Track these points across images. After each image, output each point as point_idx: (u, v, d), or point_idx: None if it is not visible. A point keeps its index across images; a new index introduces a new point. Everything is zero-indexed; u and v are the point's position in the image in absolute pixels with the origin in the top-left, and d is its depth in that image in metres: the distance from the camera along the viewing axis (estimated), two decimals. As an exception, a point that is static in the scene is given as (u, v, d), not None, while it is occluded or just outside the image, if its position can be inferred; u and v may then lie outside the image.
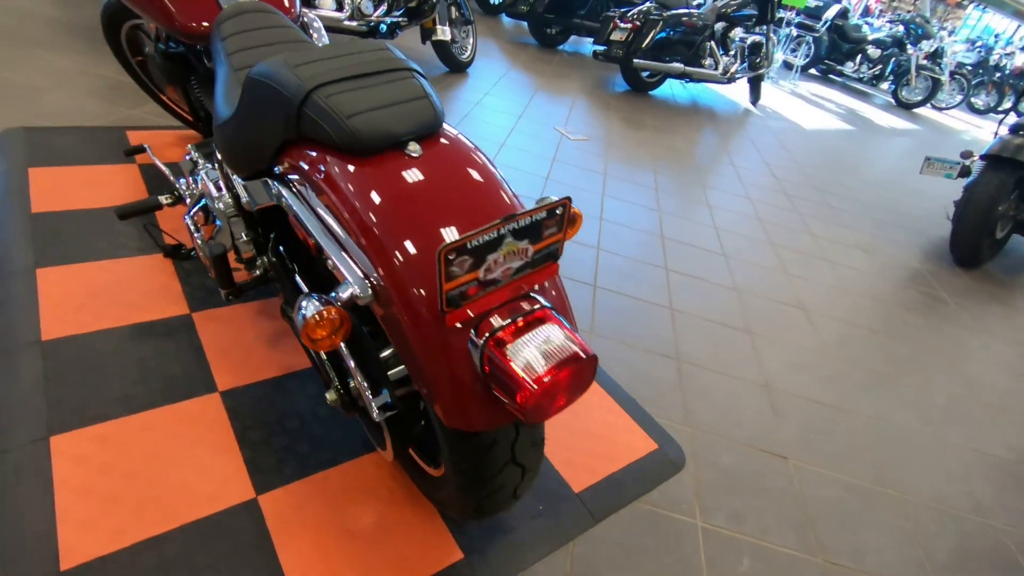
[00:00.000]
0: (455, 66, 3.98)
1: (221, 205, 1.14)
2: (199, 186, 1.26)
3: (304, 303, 0.63)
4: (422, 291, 0.63)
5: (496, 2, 6.10)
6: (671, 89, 5.50)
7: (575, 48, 5.98)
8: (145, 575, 0.94)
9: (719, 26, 5.03)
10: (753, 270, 2.50)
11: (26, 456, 1.06)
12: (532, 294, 0.70)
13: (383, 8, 3.45)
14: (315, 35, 1.51)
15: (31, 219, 1.62)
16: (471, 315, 0.64)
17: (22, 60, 2.45)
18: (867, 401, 1.86)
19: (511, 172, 2.75)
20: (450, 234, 0.64)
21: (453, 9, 3.83)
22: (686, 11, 4.69)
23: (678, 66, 4.75)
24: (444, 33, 3.69)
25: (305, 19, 1.52)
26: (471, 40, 4.12)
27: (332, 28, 3.34)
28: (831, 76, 8.62)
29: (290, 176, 0.79)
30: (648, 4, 4.68)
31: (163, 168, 1.46)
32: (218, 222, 1.18)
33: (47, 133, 2.00)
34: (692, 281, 2.28)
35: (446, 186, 0.69)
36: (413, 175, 0.69)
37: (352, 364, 0.87)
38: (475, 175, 0.73)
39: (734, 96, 5.98)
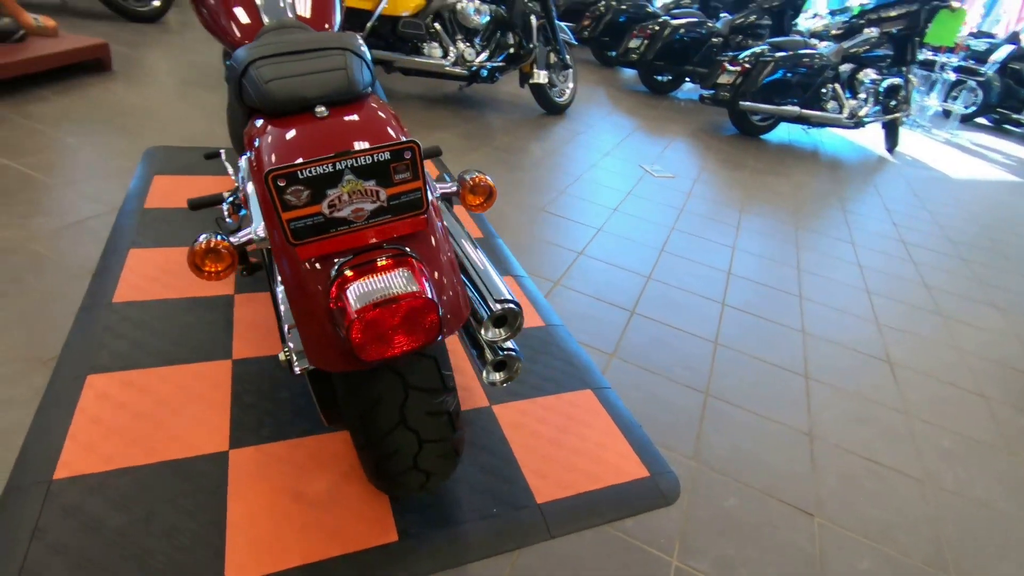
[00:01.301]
0: (551, 108, 4.14)
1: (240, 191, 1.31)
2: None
3: (200, 235, 0.71)
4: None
5: (613, 54, 6.27)
6: (788, 133, 5.18)
7: (689, 96, 5.91)
8: (112, 494, 1.07)
9: (846, 67, 4.68)
10: (833, 315, 2.22)
11: (65, 386, 1.27)
12: (401, 245, 0.72)
13: (485, 55, 3.73)
14: None
15: (142, 213, 1.96)
16: (330, 254, 0.68)
17: (188, 97, 3.02)
18: (949, 471, 1.54)
19: (577, 202, 2.76)
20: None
21: (552, 55, 4.02)
22: (806, 52, 4.45)
23: (792, 109, 4.48)
24: (541, 77, 3.87)
25: None
26: (570, 84, 4.27)
27: (435, 73, 3.68)
28: (1006, 126, 7.51)
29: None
30: (762, 47, 4.51)
31: (229, 168, 1.71)
32: (242, 211, 1.35)
33: (178, 151, 2.44)
34: (750, 319, 2.08)
35: (336, 141, 0.74)
36: (310, 130, 0.76)
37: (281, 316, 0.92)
38: (369, 134, 0.78)
39: (867, 143, 5.46)
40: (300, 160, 0.59)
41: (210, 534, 1.03)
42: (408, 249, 0.71)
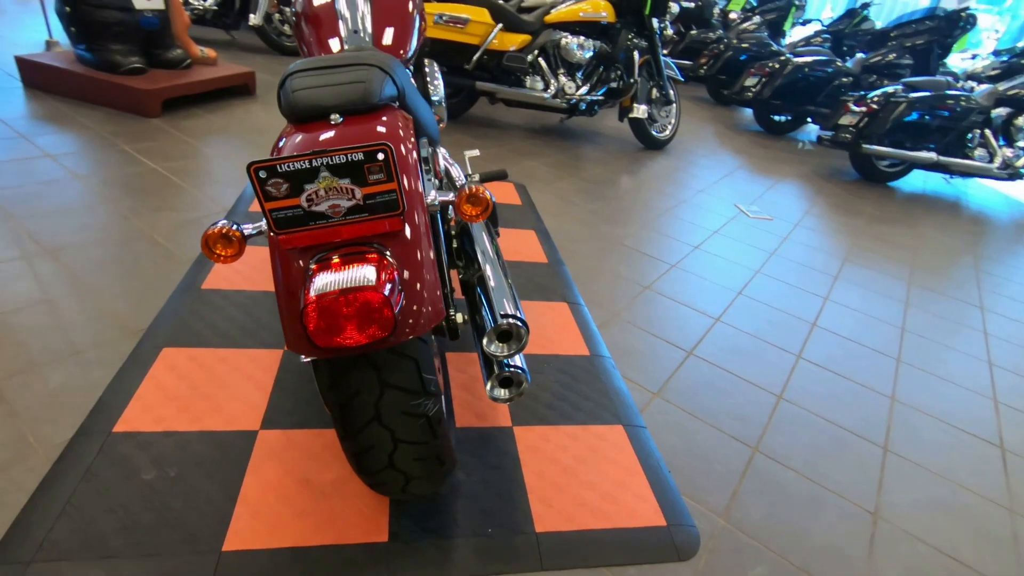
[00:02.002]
0: (650, 143, 4.08)
1: None
2: None
3: (219, 221, 0.79)
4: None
5: (728, 92, 6.07)
6: (924, 182, 4.64)
7: (810, 137, 5.53)
8: (155, 452, 1.19)
9: (1001, 111, 4.13)
10: (936, 384, 1.93)
11: (144, 354, 1.45)
12: (378, 243, 0.75)
13: (585, 88, 3.79)
14: (431, 82, 1.81)
15: (246, 215, 2.22)
16: (309, 246, 0.73)
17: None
18: (1057, 589, 1.26)
19: (657, 237, 2.68)
20: None
21: (655, 90, 3.98)
22: (948, 93, 4.00)
23: (928, 155, 4.02)
24: (640, 111, 3.85)
25: (426, 68, 1.84)
26: (672, 120, 4.19)
27: (536, 105, 3.79)
28: None
29: None
30: (894, 86, 4.13)
31: None
32: None
33: (290, 163, 2.73)
34: (827, 376, 1.87)
35: (336, 143, 0.80)
36: (318, 133, 0.82)
37: None
38: (368, 139, 0.83)
39: (1027, 198, 4.73)
40: (281, 156, 0.66)
41: (223, 502, 1.12)
42: (379, 246, 0.74)
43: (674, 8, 3.77)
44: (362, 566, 1.05)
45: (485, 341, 1.04)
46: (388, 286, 0.69)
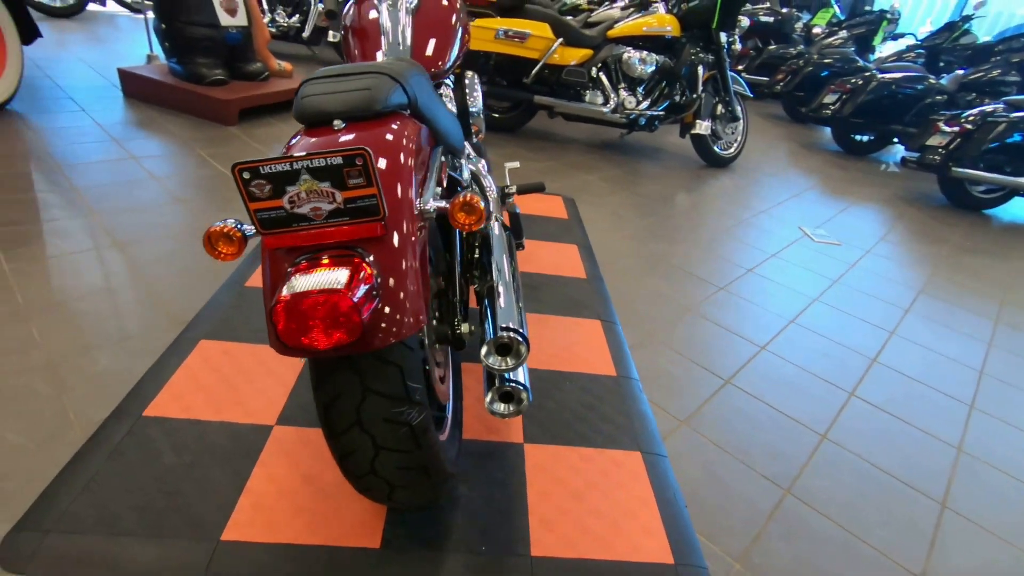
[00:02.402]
0: (713, 161, 3.94)
1: None
2: None
3: (227, 219, 0.82)
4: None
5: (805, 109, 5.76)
6: (1028, 212, 4.19)
7: (894, 158, 5.14)
8: (176, 438, 1.26)
9: (1124, 135, 3.67)
10: (1017, 438, 1.71)
11: (182, 344, 1.54)
12: (360, 248, 0.75)
13: (645, 103, 3.72)
14: (470, 94, 1.82)
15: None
16: (293, 247, 0.74)
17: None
18: None
19: (708, 257, 2.56)
20: None
21: (720, 106, 3.84)
22: (1059, 114, 3.60)
23: (1031, 181, 3.62)
24: (702, 128, 3.72)
25: (466, 80, 1.85)
26: (738, 138, 4.02)
27: (594, 119, 3.76)
28: None
29: None
30: (994, 105, 3.76)
31: None
32: None
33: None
34: (883, 418, 1.70)
35: (330, 147, 0.81)
36: (317, 137, 0.84)
37: None
38: (364, 144, 0.84)
39: None
40: (264, 157, 0.67)
41: (229, 492, 1.16)
42: (362, 251, 0.74)
43: (743, 22, 3.63)
44: (350, 570, 1.05)
45: (484, 352, 1.02)
46: (361, 291, 0.69)
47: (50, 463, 1.17)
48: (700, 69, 3.66)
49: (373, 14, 1.58)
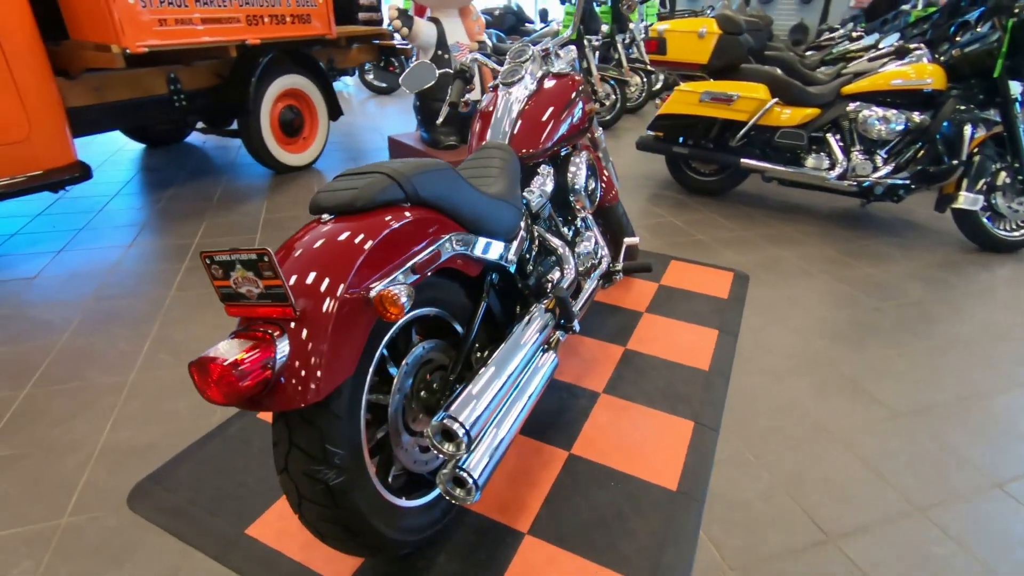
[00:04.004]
0: (989, 243, 3.01)
1: None
2: None
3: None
4: None
5: None
6: None
7: None
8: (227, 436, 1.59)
9: None
10: None
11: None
12: (282, 325, 0.89)
13: (887, 169, 3.08)
14: (575, 173, 1.79)
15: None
16: (240, 316, 0.92)
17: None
18: None
19: (913, 374, 2.00)
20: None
21: (1003, 174, 2.93)
22: None
23: None
24: (967, 201, 2.89)
25: (573, 158, 1.83)
26: (1036, 215, 2.98)
27: (816, 186, 3.27)
28: None
29: None
30: None
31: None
32: None
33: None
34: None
35: (319, 240, 0.97)
36: (310, 231, 1.01)
37: None
38: (341, 240, 0.97)
39: None
40: (220, 250, 0.88)
41: (267, 494, 1.42)
42: (272, 332, 0.88)
43: (1047, 67, 2.73)
44: (310, 596, 1.19)
45: (430, 430, 1.07)
46: (250, 363, 0.83)
47: (191, 437, 1.62)
48: (968, 129, 2.87)
49: (492, 105, 1.76)
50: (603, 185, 2.27)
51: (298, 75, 3.73)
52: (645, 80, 5.81)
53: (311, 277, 0.94)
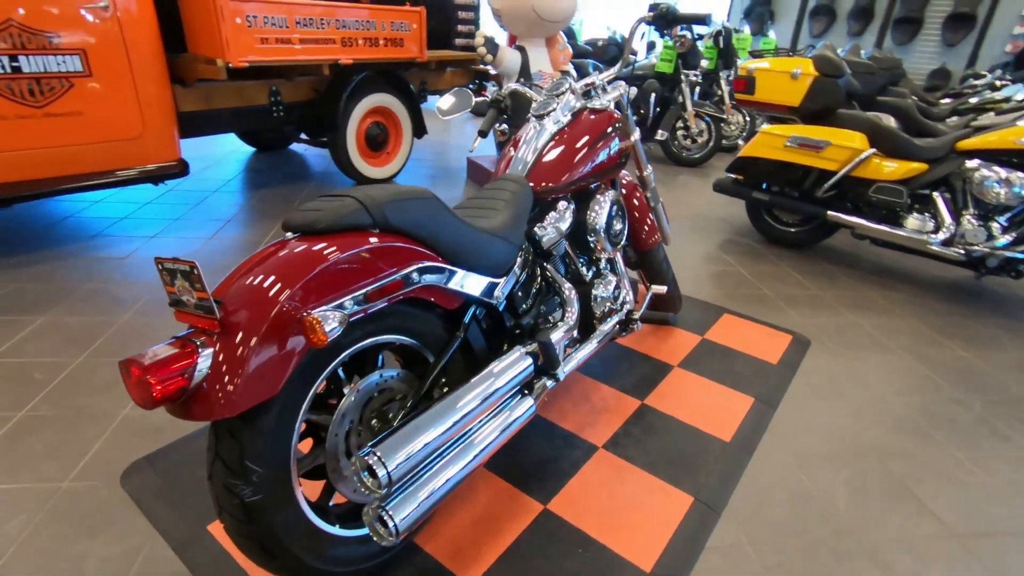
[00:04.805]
0: None
1: None
2: None
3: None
4: None
5: None
6: None
7: None
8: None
9: None
10: None
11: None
12: (205, 338, 0.91)
13: (1006, 239, 2.65)
14: (596, 211, 1.68)
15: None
16: (184, 322, 0.95)
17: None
18: None
19: (996, 491, 1.68)
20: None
21: None
22: None
23: None
24: (1106, 287, 2.40)
25: (597, 196, 1.72)
26: None
27: (909, 249, 2.89)
28: None
29: None
30: None
31: None
32: None
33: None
34: None
35: (272, 257, 0.99)
36: (271, 248, 1.03)
37: None
38: (291, 259, 0.98)
39: None
40: (167, 259, 0.92)
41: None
42: (199, 341, 0.90)
43: None
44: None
45: (356, 462, 1.04)
46: (168, 370, 0.86)
47: (195, 427, 1.72)
48: (1114, 202, 2.40)
49: (521, 133, 1.74)
50: (646, 228, 2.15)
51: (387, 94, 3.94)
52: (748, 119, 5.50)
53: (250, 294, 0.96)
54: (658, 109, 5.31)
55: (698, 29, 7.29)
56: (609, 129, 1.76)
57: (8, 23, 2.40)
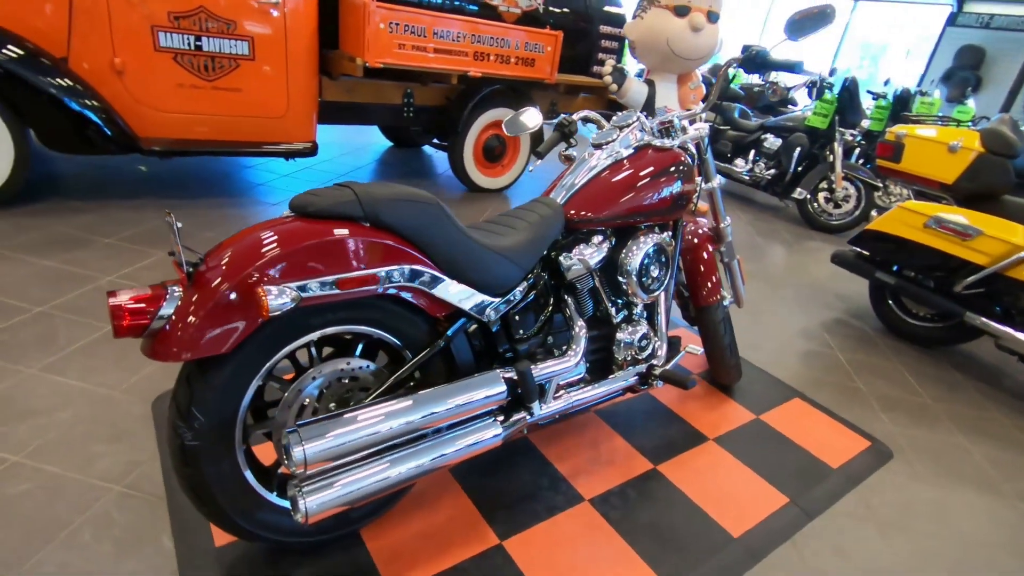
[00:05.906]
0: None
1: None
2: None
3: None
4: None
5: None
6: None
7: None
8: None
9: None
10: None
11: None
12: (181, 288, 1.00)
13: None
14: (629, 256, 1.54)
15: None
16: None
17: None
18: None
19: None
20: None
21: None
22: None
23: None
24: None
25: (630, 242, 1.57)
26: None
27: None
28: None
29: None
30: None
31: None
32: None
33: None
34: None
35: (261, 231, 1.06)
36: (266, 223, 1.10)
37: None
38: (272, 235, 1.03)
39: None
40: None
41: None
42: (174, 289, 0.99)
43: None
44: None
45: (281, 436, 1.07)
46: (137, 309, 0.96)
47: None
48: None
49: (577, 160, 1.70)
50: (709, 284, 1.98)
51: (512, 109, 4.07)
52: (863, 189, 4.75)
53: (226, 258, 1.04)
54: (802, 166, 4.86)
55: (793, 79, 6.69)
56: (671, 169, 1.65)
57: (200, 9, 2.87)
